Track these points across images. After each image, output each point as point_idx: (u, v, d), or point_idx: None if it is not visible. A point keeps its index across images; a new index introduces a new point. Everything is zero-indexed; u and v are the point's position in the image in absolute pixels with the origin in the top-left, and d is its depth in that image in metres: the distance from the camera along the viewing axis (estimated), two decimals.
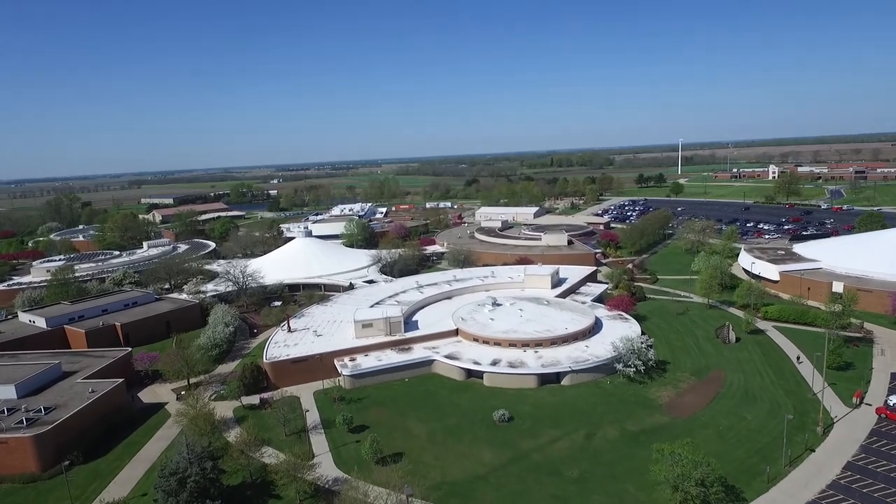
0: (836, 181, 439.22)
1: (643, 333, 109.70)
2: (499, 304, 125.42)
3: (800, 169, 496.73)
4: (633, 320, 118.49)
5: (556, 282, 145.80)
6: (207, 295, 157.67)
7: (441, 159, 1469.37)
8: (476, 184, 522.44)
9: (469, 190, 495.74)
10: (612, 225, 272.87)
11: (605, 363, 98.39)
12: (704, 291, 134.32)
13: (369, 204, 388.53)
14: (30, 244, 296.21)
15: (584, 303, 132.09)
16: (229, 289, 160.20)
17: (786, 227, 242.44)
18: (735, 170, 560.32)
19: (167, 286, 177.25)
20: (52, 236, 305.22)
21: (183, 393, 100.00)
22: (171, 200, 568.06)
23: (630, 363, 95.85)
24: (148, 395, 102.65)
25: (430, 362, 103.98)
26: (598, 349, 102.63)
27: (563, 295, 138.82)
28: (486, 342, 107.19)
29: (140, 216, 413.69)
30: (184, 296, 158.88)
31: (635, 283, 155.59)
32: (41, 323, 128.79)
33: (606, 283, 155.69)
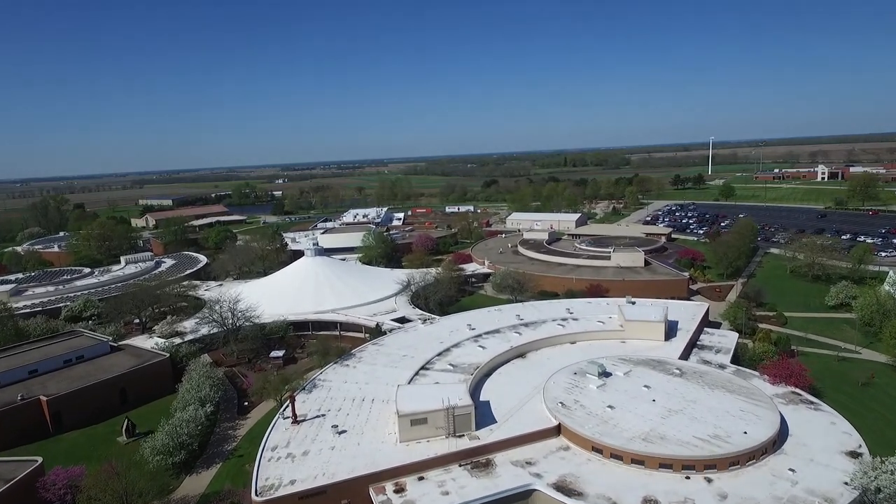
0: None
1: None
2: (607, 374, 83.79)
3: (851, 170, 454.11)
4: (828, 408, 76.52)
5: (668, 328, 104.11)
6: (185, 340, 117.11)
7: (447, 158, 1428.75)
8: (495, 185, 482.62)
9: (489, 191, 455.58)
10: (674, 236, 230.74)
11: None
12: None
13: (385, 209, 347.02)
14: None
15: (721, 366, 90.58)
16: (214, 330, 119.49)
17: (894, 240, 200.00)
18: (777, 170, 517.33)
19: (137, 320, 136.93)
20: (20, 247, 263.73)
21: None
22: (170, 202, 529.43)
23: None
24: None
25: (528, 493, 62.68)
26: (813, 478, 60.79)
27: (686, 352, 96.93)
28: (615, 455, 65.72)
29: (133, 220, 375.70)
30: (153, 340, 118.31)
31: (761, 327, 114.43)
32: None
33: (725, 327, 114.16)
